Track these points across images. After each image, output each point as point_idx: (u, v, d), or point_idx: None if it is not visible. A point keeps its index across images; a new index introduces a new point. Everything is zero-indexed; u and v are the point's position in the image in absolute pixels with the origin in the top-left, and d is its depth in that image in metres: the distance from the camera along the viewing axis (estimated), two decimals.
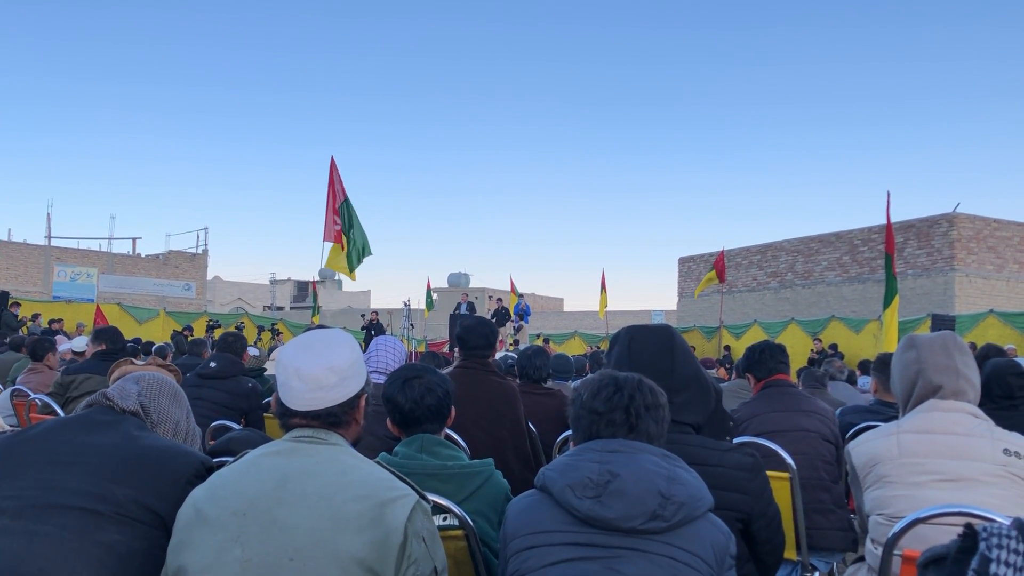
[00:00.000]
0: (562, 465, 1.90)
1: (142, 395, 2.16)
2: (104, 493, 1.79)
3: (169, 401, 2.24)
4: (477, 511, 2.34)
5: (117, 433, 1.95)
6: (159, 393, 2.22)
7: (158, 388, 2.23)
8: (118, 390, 2.12)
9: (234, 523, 1.68)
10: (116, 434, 1.94)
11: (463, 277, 49.71)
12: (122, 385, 2.16)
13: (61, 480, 1.80)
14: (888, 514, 2.46)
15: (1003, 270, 24.62)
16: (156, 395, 2.20)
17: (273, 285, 60.21)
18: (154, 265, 40.45)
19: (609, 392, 1.98)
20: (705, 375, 2.52)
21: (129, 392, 2.13)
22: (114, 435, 1.94)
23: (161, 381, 2.26)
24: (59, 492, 1.78)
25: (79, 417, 2.01)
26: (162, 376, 2.30)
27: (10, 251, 36.05)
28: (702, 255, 33.50)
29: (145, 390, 2.19)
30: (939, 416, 2.53)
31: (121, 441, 1.92)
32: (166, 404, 2.22)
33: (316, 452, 1.79)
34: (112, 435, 1.94)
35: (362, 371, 1.95)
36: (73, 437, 1.91)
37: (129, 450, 1.90)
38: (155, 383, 2.24)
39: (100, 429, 1.95)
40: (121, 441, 1.92)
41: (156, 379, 2.26)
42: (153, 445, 1.96)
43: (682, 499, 1.78)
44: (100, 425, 1.97)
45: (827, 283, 27.46)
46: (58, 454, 1.86)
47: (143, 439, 1.97)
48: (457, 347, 4.40)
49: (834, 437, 3.81)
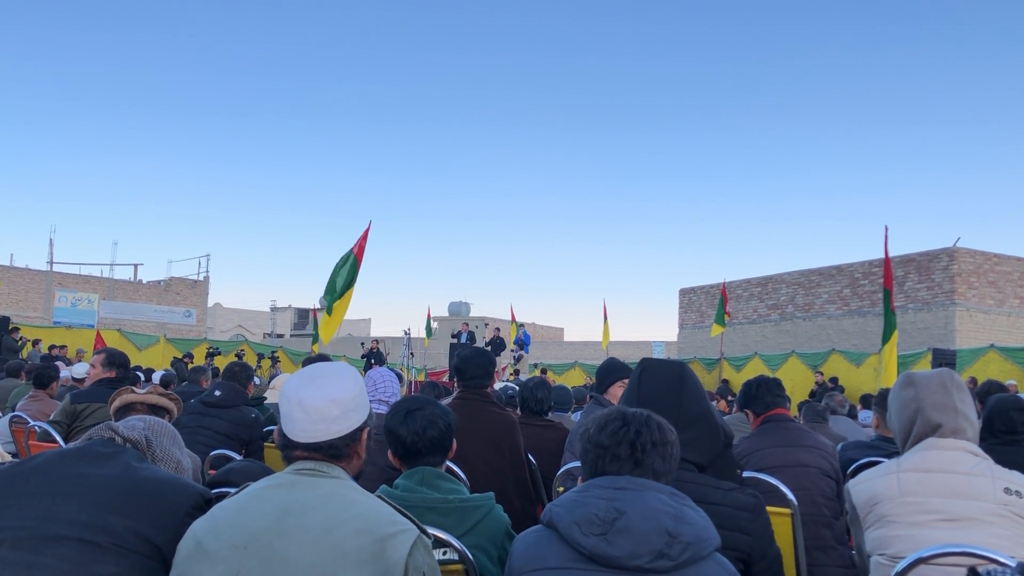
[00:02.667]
0: (569, 501, 1.90)
1: (147, 430, 2.21)
2: (103, 524, 1.78)
3: (170, 442, 2.31)
4: (477, 545, 2.33)
5: (117, 464, 1.94)
6: (161, 434, 2.30)
7: (160, 429, 2.32)
8: (123, 424, 2.18)
9: (235, 557, 1.68)
10: (116, 465, 1.94)
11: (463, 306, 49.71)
12: (127, 422, 2.23)
13: (60, 511, 1.80)
14: (890, 554, 2.44)
15: (1004, 304, 24.61)
16: (159, 434, 2.28)
17: (273, 312, 60.18)
18: (155, 291, 40.48)
19: (616, 426, 1.98)
20: (716, 416, 2.50)
21: (134, 426, 2.20)
22: (114, 466, 1.93)
23: (162, 424, 2.37)
24: (58, 523, 1.78)
25: (79, 448, 2.01)
26: (163, 421, 2.41)
27: (12, 276, 36.09)
28: (703, 287, 33.51)
29: (148, 427, 2.26)
30: (939, 455, 2.52)
31: (121, 472, 1.92)
32: (167, 444, 2.28)
33: (317, 485, 1.79)
34: (112, 466, 1.93)
35: (365, 404, 1.96)
36: (73, 468, 1.90)
37: (128, 481, 1.89)
38: (157, 425, 2.34)
39: (100, 460, 1.95)
40: (121, 472, 1.92)
41: (157, 422, 2.37)
42: (152, 476, 1.95)
43: (689, 539, 1.77)
44: (100, 457, 1.96)
45: (828, 316, 27.44)
46: (58, 485, 1.85)
47: (142, 470, 1.96)
48: (456, 378, 4.41)
49: (835, 472, 3.79)
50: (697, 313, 33.54)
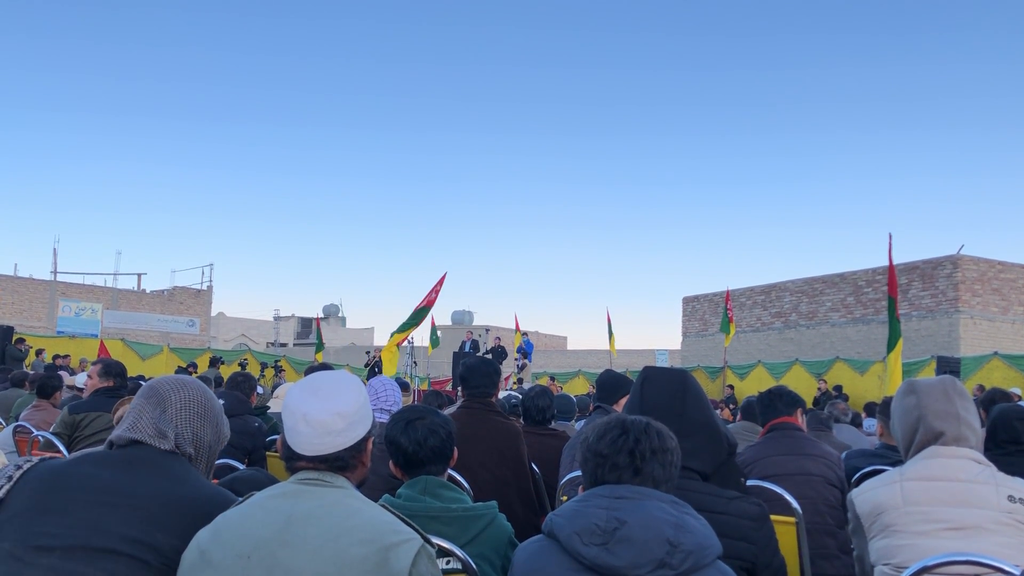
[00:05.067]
0: (569, 511, 1.90)
1: (173, 427, 2.04)
2: (151, 541, 1.80)
3: (199, 422, 2.09)
4: (480, 554, 2.33)
5: (162, 475, 1.92)
6: (188, 419, 2.07)
7: (186, 411, 2.08)
8: (151, 430, 2.00)
9: (239, 566, 1.68)
10: (161, 477, 1.92)
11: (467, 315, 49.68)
12: (152, 421, 2.02)
13: (109, 523, 1.80)
14: (894, 564, 2.43)
15: (1008, 312, 24.57)
16: (185, 422, 2.06)
17: (277, 322, 60.22)
18: (159, 301, 40.57)
19: (615, 435, 1.97)
20: (719, 425, 2.50)
21: (163, 432, 2.01)
22: (159, 478, 1.91)
23: (188, 399, 2.10)
24: (108, 536, 1.78)
25: (123, 455, 1.96)
26: (188, 388, 2.12)
27: (16, 286, 36.20)
28: (706, 295, 33.49)
29: (174, 417, 2.05)
30: (942, 463, 2.51)
31: (167, 485, 1.90)
32: (196, 427, 2.08)
33: (321, 495, 1.79)
34: (157, 478, 1.91)
35: (369, 414, 1.96)
36: (119, 476, 1.89)
37: (175, 497, 1.88)
38: (182, 404, 2.08)
39: (145, 469, 1.92)
40: (167, 485, 1.90)
41: (184, 399, 2.09)
42: (198, 492, 1.93)
43: (690, 547, 1.77)
44: (145, 465, 1.93)
45: (831, 324, 27.41)
46: (105, 493, 1.84)
47: (188, 485, 1.94)
48: (460, 387, 4.42)
49: (839, 481, 3.78)
50: (700, 321, 33.52)
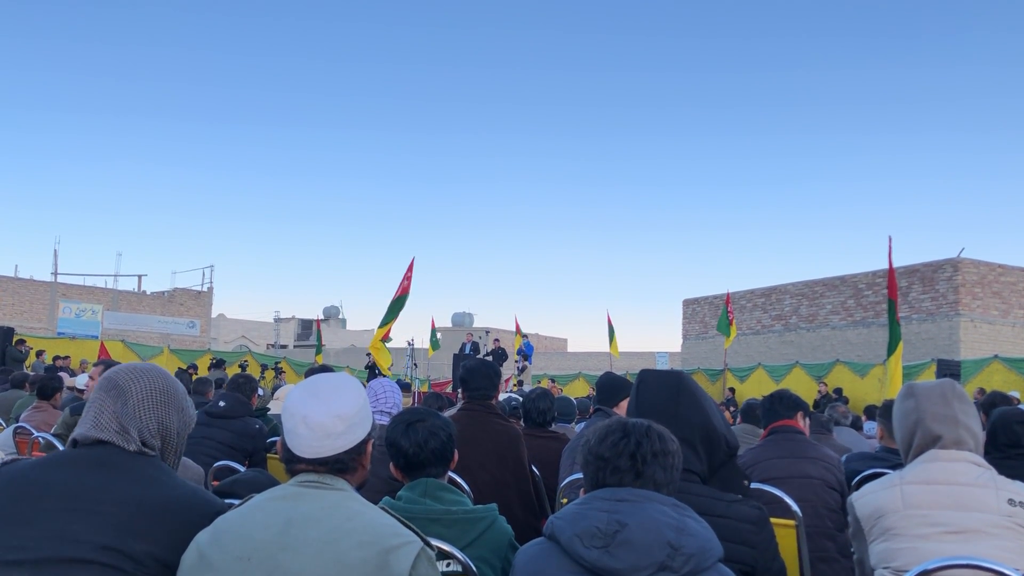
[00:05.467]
0: (570, 514, 1.90)
1: (137, 420, 1.96)
2: (124, 548, 1.75)
3: (163, 410, 2.02)
4: (481, 557, 2.33)
5: (132, 479, 1.87)
6: (151, 408, 2.00)
7: (149, 401, 2.00)
8: (115, 426, 1.94)
9: (238, 569, 1.68)
10: (131, 481, 1.86)
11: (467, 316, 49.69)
12: (115, 416, 1.95)
13: (80, 531, 1.75)
14: (895, 567, 2.43)
15: (1008, 315, 24.56)
16: (149, 412, 1.99)
17: (277, 323, 60.20)
18: (159, 302, 40.55)
19: (616, 438, 1.97)
20: (718, 427, 2.47)
21: (127, 428, 1.95)
22: (129, 482, 1.86)
23: (149, 388, 2.01)
24: (79, 546, 1.74)
25: (90, 456, 1.90)
26: (148, 376, 2.03)
27: (16, 287, 36.19)
28: (706, 297, 33.49)
29: (136, 408, 1.97)
30: (942, 466, 2.51)
31: (138, 489, 1.85)
32: (161, 415, 2.01)
33: (321, 497, 1.79)
34: (127, 482, 1.86)
35: (369, 416, 1.96)
36: (87, 480, 1.83)
37: (146, 500, 1.83)
38: (144, 394, 2.00)
39: (115, 473, 1.87)
40: (138, 489, 1.85)
41: (145, 388, 2.01)
42: (170, 494, 1.88)
43: (691, 550, 1.77)
44: (114, 468, 1.88)
45: (831, 327, 27.40)
46: (74, 500, 1.79)
47: (158, 486, 1.88)
48: (460, 389, 4.42)
49: (839, 485, 3.78)
50: (701, 324, 33.52)
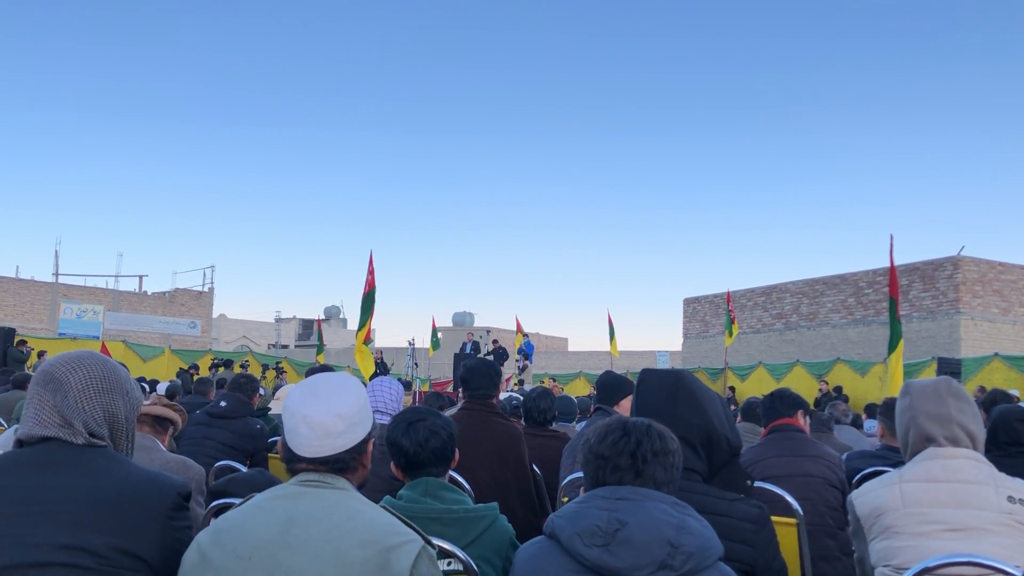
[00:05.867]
0: (571, 512, 1.90)
1: (80, 412, 1.87)
2: (84, 545, 1.71)
3: (107, 397, 1.92)
4: (481, 556, 2.33)
5: (83, 473, 1.80)
6: (93, 397, 1.90)
7: (89, 390, 1.90)
8: (59, 420, 1.85)
9: (239, 568, 1.68)
10: (82, 475, 1.80)
11: (467, 316, 49.70)
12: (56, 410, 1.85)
13: (37, 534, 1.70)
14: (895, 565, 2.43)
15: (1009, 313, 24.56)
16: (92, 401, 1.90)
17: (278, 323, 60.23)
18: (160, 303, 40.59)
19: (616, 437, 1.97)
20: (718, 425, 2.44)
21: (71, 421, 1.85)
22: (80, 476, 1.79)
23: (88, 377, 1.91)
24: (37, 549, 1.69)
25: (37, 455, 1.83)
26: (86, 365, 1.92)
27: (17, 288, 36.24)
28: (707, 296, 33.49)
29: (77, 400, 1.88)
30: (941, 464, 2.51)
31: (90, 482, 1.79)
32: (106, 403, 1.92)
33: (322, 497, 1.79)
34: (78, 477, 1.79)
35: (369, 415, 1.96)
36: (37, 481, 1.77)
37: (101, 492, 1.78)
38: (83, 384, 1.90)
39: (64, 470, 1.80)
40: (90, 482, 1.79)
41: (84, 378, 1.90)
42: (125, 483, 1.82)
43: (691, 549, 1.77)
44: (62, 465, 1.81)
45: (832, 325, 27.40)
46: (26, 503, 1.74)
47: (112, 475, 1.82)
48: (461, 389, 4.43)
49: (840, 483, 3.78)
50: (701, 323, 33.51)
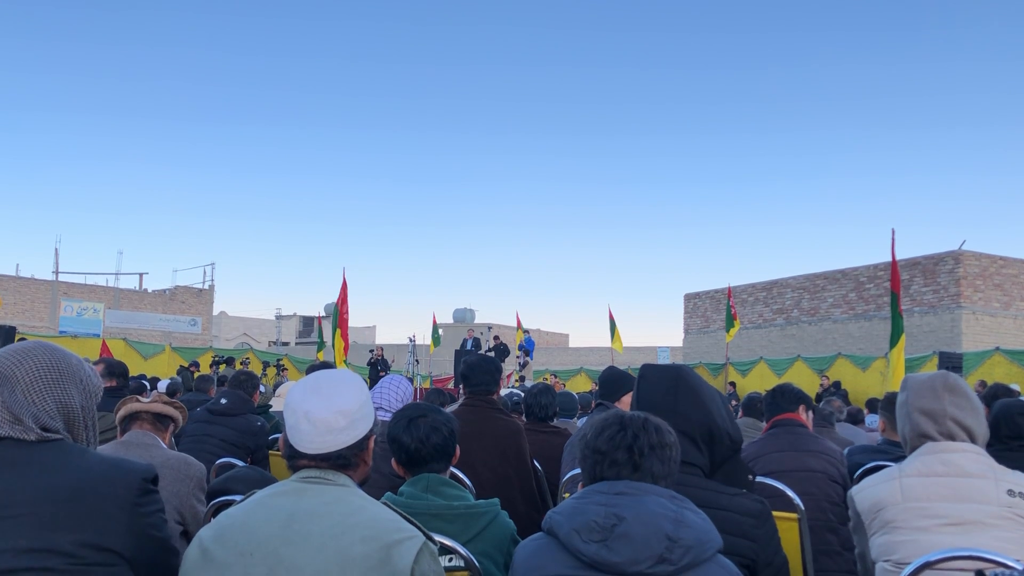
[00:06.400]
0: (568, 508, 1.90)
1: (30, 407, 1.77)
2: (50, 546, 1.64)
3: (58, 388, 1.82)
4: (483, 552, 2.34)
5: (39, 470, 1.71)
6: (43, 390, 1.80)
7: (39, 383, 1.80)
8: (8, 417, 1.74)
9: (241, 564, 1.68)
10: (39, 472, 1.71)
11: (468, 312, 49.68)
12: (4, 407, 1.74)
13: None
14: (895, 560, 2.43)
15: (1010, 307, 24.54)
16: (42, 394, 1.80)
17: (279, 320, 60.27)
18: (160, 300, 40.61)
19: (613, 431, 1.97)
20: (719, 422, 2.44)
21: (20, 417, 1.74)
22: (38, 474, 1.71)
23: (36, 368, 1.80)
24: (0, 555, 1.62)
25: None
26: (33, 356, 1.82)
27: (17, 286, 36.25)
28: (708, 291, 33.48)
29: (26, 393, 1.78)
30: (941, 458, 2.50)
31: (48, 479, 1.70)
32: (58, 395, 1.82)
33: (323, 493, 1.80)
34: (35, 475, 1.70)
35: (370, 412, 1.96)
36: None
37: (61, 489, 1.69)
38: (31, 377, 1.79)
39: (18, 469, 1.70)
40: (48, 479, 1.70)
41: (32, 370, 1.80)
42: (85, 476, 1.73)
43: (689, 542, 1.77)
44: (16, 464, 1.71)
45: (833, 320, 27.40)
46: None
47: (70, 470, 1.74)
48: (461, 385, 4.43)
49: (842, 478, 3.78)
50: (702, 318, 33.51)
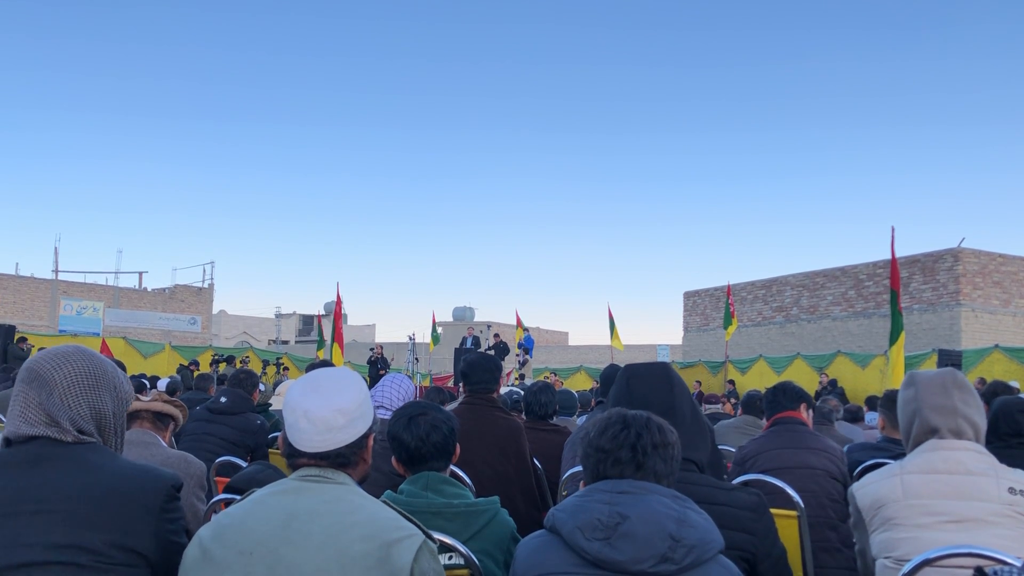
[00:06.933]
0: (571, 506, 1.90)
1: (67, 410, 1.84)
2: (79, 543, 1.71)
3: (93, 393, 1.90)
4: (483, 550, 2.33)
5: (74, 470, 1.79)
6: (79, 394, 1.88)
7: (76, 387, 1.88)
8: (45, 419, 1.83)
9: (241, 563, 1.68)
10: (74, 472, 1.78)
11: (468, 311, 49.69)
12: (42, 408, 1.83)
13: (29, 534, 1.69)
14: (895, 557, 2.43)
15: (1009, 305, 24.55)
16: (78, 398, 1.87)
17: (278, 319, 60.22)
18: (160, 299, 40.61)
19: (616, 430, 1.97)
20: (702, 413, 2.52)
21: (57, 419, 1.83)
22: (72, 474, 1.78)
23: (74, 373, 1.88)
24: (31, 549, 1.68)
25: (26, 455, 1.80)
26: (72, 361, 1.90)
27: (17, 285, 36.25)
28: (707, 289, 33.48)
29: (63, 397, 1.85)
30: (942, 455, 2.51)
31: (81, 479, 1.77)
32: (92, 400, 1.89)
33: (323, 491, 1.79)
34: (70, 475, 1.78)
35: (370, 410, 1.96)
36: (27, 481, 1.75)
37: (93, 489, 1.76)
38: (69, 381, 1.87)
39: (53, 467, 1.78)
40: (81, 479, 1.77)
41: (69, 374, 1.87)
42: (117, 478, 1.81)
43: (692, 542, 1.78)
44: (52, 462, 1.79)
45: (832, 318, 27.40)
46: (17, 503, 1.72)
47: (103, 471, 1.81)
48: (461, 383, 4.43)
49: (842, 475, 3.78)
50: (702, 316, 33.52)
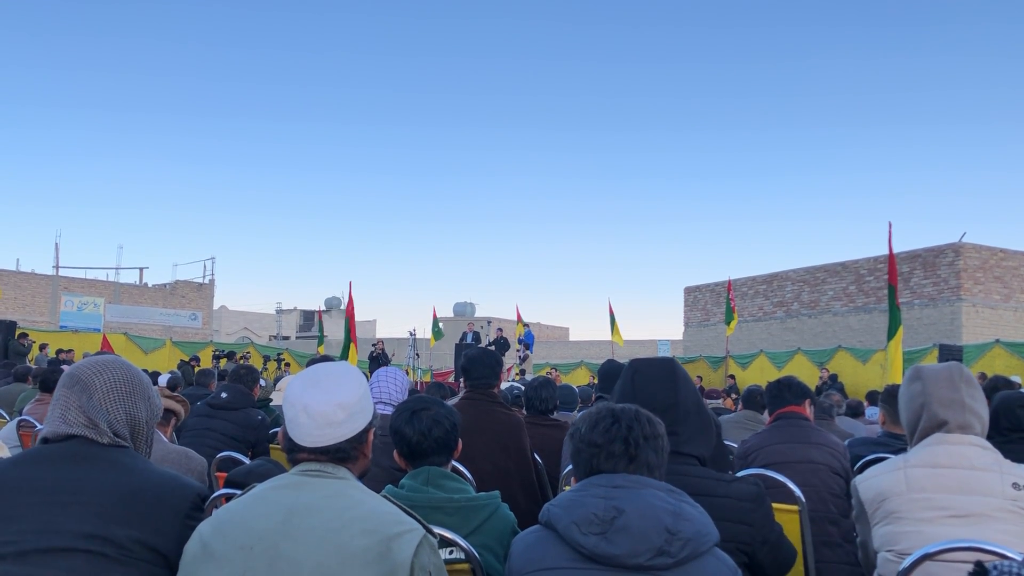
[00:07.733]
0: (567, 501, 1.90)
1: (104, 413, 1.95)
2: (107, 535, 1.77)
3: (129, 400, 2.00)
4: (483, 544, 2.33)
5: (108, 469, 1.88)
6: (117, 400, 1.98)
7: (114, 393, 1.98)
8: (84, 420, 1.92)
9: (240, 558, 1.68)
10: (107, 471, 1.87)
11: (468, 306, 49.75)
12: (82, 411, 1.93)
13: (61, 522, 1.77)
14: (897, 550, 2.43)
15: (1010, 300, 24.55)
16: (116, 404, 1.97)
17: (279, 315, 60.27)
18: (161, 295, 40.62)
19: (607, 424, 1.98)
20: (707, 407, 2.53)
21: (96, 421, 1.93)
22: (106, 472, 1.87)
23: (113, 380, 1.99)
24: (62, 535, 1.76)
25: (64, 451, 1.90)
26: (111, 369, 2.01)
27: (18, 281, 36.25)
28: (708, 284, 33.48)
29: (102, 401, 1.95)
30: (946, 449, 2.50)
31: (115, 477, 1.86)
32: (128, 406, 1.99)
33: (323, 486, 1.79)
34: (103, 470, 1.87)
35: (370, 405, 1.95)
36: (64, 474, 1.84)
37: (125, 488, 1.85)
38: (108, 387, 1.97)
39: (89, 464, 1.87)
40: (115, 477, 1.86)
41: (109, 381, 1.98)
42: (148, 480, 1.89)
43: (688, 535, 1.78)
44: (88, 460, 1.88)
45: (833, 313, 27.40)
46: (53, 493, 1.81)
47: (136, 473, 1.90)
48: (462, 378, 4.43)
49: (843, 470, 3.78)
50: (702, 311, 33.52)
